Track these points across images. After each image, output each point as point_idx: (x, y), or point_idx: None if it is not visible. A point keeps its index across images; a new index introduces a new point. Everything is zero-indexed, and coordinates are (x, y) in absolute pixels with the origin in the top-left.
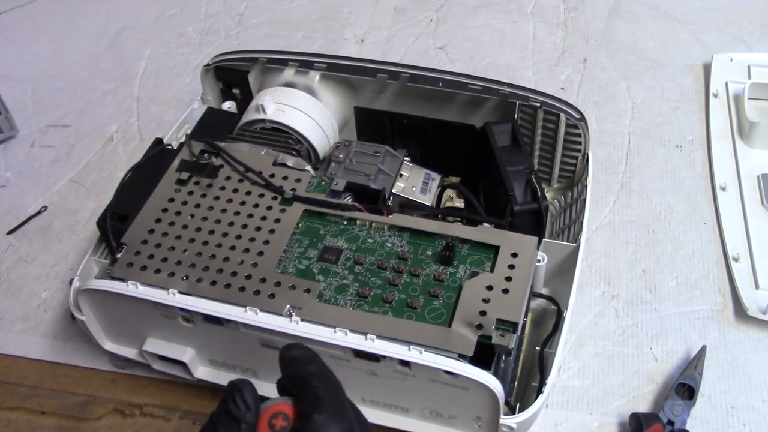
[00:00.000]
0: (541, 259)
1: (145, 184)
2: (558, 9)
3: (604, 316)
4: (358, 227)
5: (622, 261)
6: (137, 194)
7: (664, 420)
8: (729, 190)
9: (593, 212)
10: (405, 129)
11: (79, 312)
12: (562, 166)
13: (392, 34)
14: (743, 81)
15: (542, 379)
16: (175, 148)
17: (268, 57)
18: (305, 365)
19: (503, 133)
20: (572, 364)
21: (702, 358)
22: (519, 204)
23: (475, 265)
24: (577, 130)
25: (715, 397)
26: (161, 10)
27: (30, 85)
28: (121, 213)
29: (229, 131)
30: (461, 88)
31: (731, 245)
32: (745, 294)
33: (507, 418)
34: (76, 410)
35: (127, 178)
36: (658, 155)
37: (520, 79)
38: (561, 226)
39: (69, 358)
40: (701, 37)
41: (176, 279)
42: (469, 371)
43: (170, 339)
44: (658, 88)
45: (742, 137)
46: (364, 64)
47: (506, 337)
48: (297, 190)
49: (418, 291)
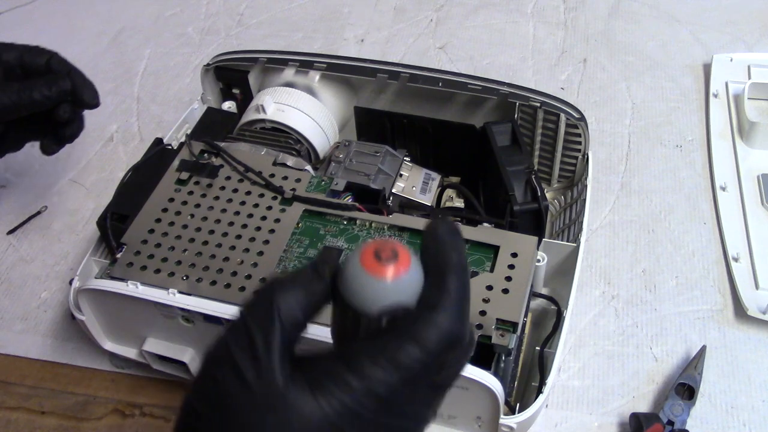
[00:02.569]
0: (541, 259)
1: (145, 184)
2: (558, 9)
3: (604, 316)
4: (358, 227)
5: (622, 261)
6: (137, 194)
7: (664, 420)
8: (729, 190)
9: (593, 212)
10: (405, 129)
11: (79, 312)
12: (562, 166)
13: (392, 34)
14: (743, 81)
15: (542, 379)
16: (175, 148)
17: (268, 57)
18: (450, 251)
19: (503, 133)
20: (572, 364)
21: (702, 358)
22: (519, 204)
23: (475, 265)
24: (577, 130)
25: (715, 397)
26: (161, 10)
27: None
28: (121, 213)
29: (229, 131)
30: (461, 88)
31: (731, 245)
32: (745, 294)
33: (507, 418)
34: (76, 410)
35: (127, 178)
36: (658, 155)
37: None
38: (561, 226)
39: (69, 358)
40: (701, 37)
41: (176, 279)
42: (469, 371)
43: (170, 339)
44: (658, 88)
45: (742, 137)
46: (364, 64)
47: (506, 337)
48: (297, 190)
49: None
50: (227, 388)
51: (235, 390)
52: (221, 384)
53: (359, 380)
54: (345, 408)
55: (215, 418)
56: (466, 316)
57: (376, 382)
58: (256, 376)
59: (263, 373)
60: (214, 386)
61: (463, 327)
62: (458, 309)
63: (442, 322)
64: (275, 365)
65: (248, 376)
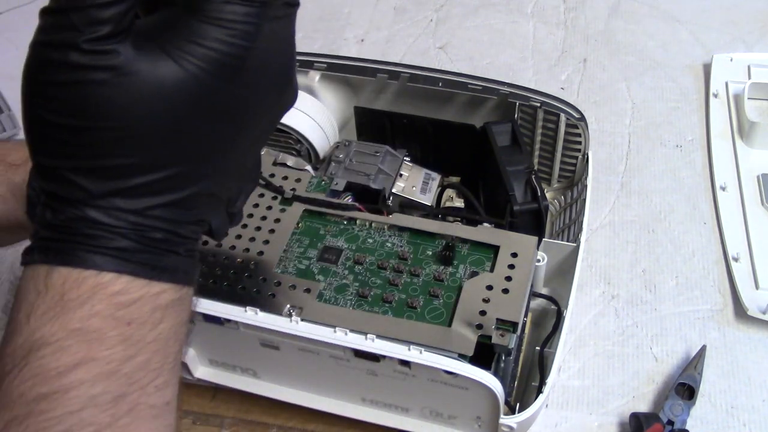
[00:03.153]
0: (541, 259)
1: None
2: (558, 9)
3: (604, 316)
4: (358, 227)
5: (622, 261)
6: None
7: (664, 420)
8: (729, 190)
9: (593, 212)
10: (405, 129)
11: None
12: (562, 166)
13: (392, 34)
14: (743, 81)
15: (542, 379)
16: None
17: None
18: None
19: (503, 133)
20: (572, 364)
21: (702, 358)
22: (519, 204)
23: (475, 265)
24: (577, 130)
25: (715, 397)
26: None
27: None
28: None
29: None
30: (461, 88)
31: (731, 245)
32: (745, 294)
33: (507, 418)
34: None
35: None
36: (658, 155)
37: (520, 79)
38: (561, 226)
39: None
40: (701, 37)
41: None
42: (469, 371)
43: None
44: (658, 88)
45: (742, 137)
46: (364, 64)
47: (506, 337)
48: (297, 189)
49: (418, 291)
50: (73, 87)
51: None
52: (65, 86)
53: (223, 29)
54: (210, 62)
55: (69, 118)
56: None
57: (242, 18)
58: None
59: (108, 53)
60: (56, 89)
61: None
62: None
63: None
64: (121, 47)
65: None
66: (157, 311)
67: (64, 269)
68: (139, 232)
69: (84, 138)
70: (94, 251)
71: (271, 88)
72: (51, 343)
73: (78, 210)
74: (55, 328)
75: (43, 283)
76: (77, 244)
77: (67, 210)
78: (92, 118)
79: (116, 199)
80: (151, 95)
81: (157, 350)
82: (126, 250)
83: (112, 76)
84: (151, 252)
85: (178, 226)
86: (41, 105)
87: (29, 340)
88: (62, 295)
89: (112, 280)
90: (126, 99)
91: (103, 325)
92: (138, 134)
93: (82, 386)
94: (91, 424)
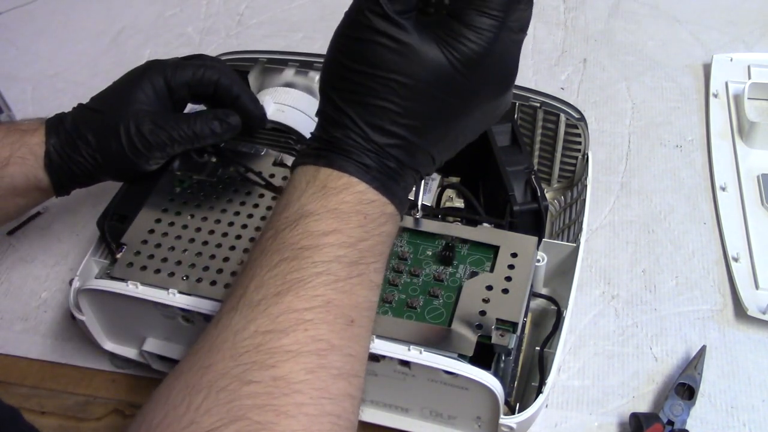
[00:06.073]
0: (541, 259)
1: (145, 184)
2: (558, 9)
3: (604, 316)
4: None
5: (622, 261)
6: (137, 194)
7: (664, 420)
8: (729, 190)
9: (593, 212)
10: None
11: (79, 312)
12: (562, 166)
13: None
14: (743, 81)
15: (542, 379)
16: None
17: (268, 57)
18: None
19: (503, 133)
20: (572, 364)
21: (702, 358)
22: (519, 204)
23: (474, 265)
24: (577, 130)
25: (715, 397)
26: (161, 10)
27: (30, 85)
28: (121, 213)
29: None
30: None
31: (731, 245)
32: (745, 294)
33: (507, 418)
34: (76, 410)
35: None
36: (658, 155)
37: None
38: (561, 226)
39: (69, 358)
40: (701, 37)
41: (176, 279)
42: (469, 371)
43: (170, 339)
44: (658, 88)
45: (742, 137)
46: None
47: (506, 337)
48: None
49: (417, 291)
50: (370, 45)
51: (378, 44)
52: (364, 42)
53: (474, 32)
54: (462, 55)
55: (360, 65)
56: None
57: (487, 27)
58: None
59: (400, 27)
60: (357, 43)
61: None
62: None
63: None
64: (408, 25)
65: (389, 31)
66: (383, 216)
67: (327, 170)
68: (379, 159)
69: (368, 81)
70: (348, 161)
71: (494, 87)
72: (315, 214)
73: (344, 131)
74: (318, 206)
75: (312, 176)
76: (338, 155)
77: (337, 130)
78: (379, 69)
79: (371, 131)
80: (422, 66)
81: (379, 243)
82: (369, 167)
83: (400, 45)
84: (385, 174)
85: (403, 166)
86: (343, 52)
87: (299, 211)
88: (324, 185)
89: (357, 183)
90: (406, 63)
91: (350, 210)
92: (404, 90)
93: (332, 247)
94: (334, 273)
